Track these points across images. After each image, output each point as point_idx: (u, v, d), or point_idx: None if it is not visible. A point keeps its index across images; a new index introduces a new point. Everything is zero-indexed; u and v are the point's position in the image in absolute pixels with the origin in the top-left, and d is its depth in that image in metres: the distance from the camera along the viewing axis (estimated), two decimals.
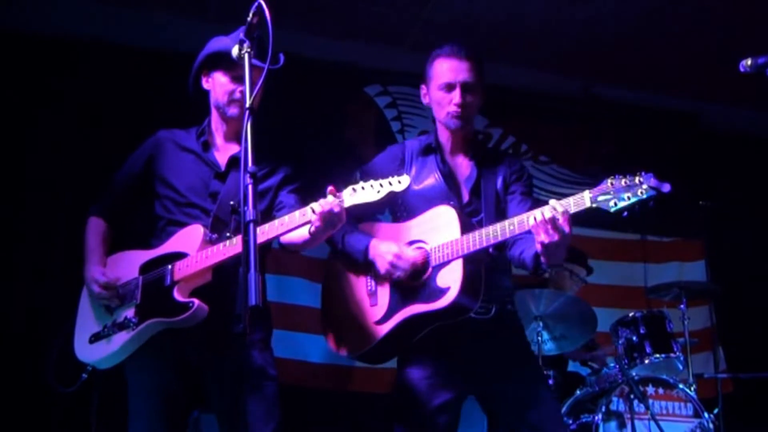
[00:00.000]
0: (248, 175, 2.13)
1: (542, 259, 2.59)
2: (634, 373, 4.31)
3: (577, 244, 5.34)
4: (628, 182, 2.41)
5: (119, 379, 2.77)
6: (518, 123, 6.28)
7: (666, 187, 2.36)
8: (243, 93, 2.74)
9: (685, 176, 6.18)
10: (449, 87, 2.92)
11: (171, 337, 2.67)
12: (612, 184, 2.44)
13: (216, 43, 2.93)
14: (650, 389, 4.39)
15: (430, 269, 2.74)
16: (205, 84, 2.96)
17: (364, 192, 2.51)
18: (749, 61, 2.50)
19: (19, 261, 4.84)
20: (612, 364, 4.42)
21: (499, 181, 2.97)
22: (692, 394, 4.35)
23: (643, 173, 2.40)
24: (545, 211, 2.49)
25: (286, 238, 2.73)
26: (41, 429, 4.49)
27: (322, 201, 2.51)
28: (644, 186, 2.38)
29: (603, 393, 4.27)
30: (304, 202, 2.73)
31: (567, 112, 6.40)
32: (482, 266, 2.72)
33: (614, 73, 6.19)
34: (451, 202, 2.86)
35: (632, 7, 5.41)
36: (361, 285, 2.90)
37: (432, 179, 2.95)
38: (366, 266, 2.87)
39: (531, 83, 6.21)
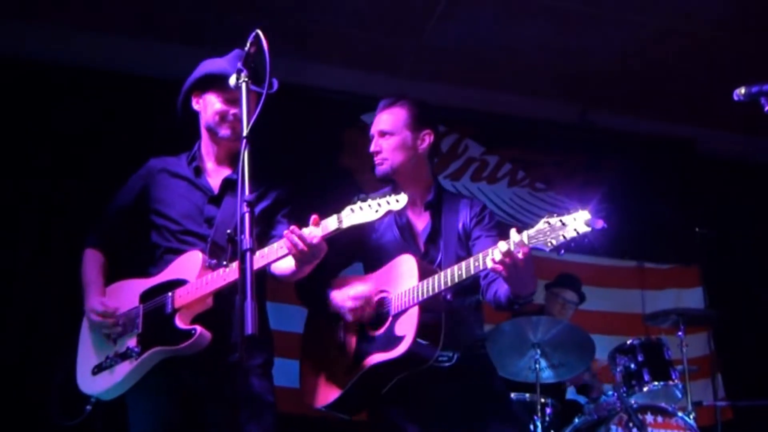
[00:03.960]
0: (245, 203, 2.12)
1: (513, 291, 2.56)
2: (632, 401, 4.29)
3: (574, 270, 5.35)
4: (563, 221, 2.37)
5: (122, 408, 2.75)
6: (515, 150, 6.31)
7: (599, 224, 2.33)
8: (236, 115, 2.78)
9: (681, 203, 6.20)
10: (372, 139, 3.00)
11: (171, 364, 2.64)
12: (548, 223, 2.40)
13: (211, 65, 2.89)
14: (649, 417, 4.36)
15: (390, 317, 2.73)
16: (195, 105, 2.92)
17: (363, 212, 2.49)
18: (743, 90, 2.52)
19: (17, 292, 4.82)
20: (610, 392, 4.39)
21: (460, 227, 2.94)
22: (691, 422, 4.32)
23: (579, 210, 2.37)
24: (499, 250, 2.43)
25: (276, 269, 2.73)
26: None
27: (294, 232, 2.50)
28: (578, 223, 2.34)
29: (601, 421, 4.23)
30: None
31: (564, 138, 6.43)
32: (442, 313, 2.66)
33: (611, 100, 6.24)
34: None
35: (628, 35, 5.45)
36: (333, 337, 2.89)
37: (390, 234, 2.94)
38: (336, 318, 2.85)
39: (527, 110, 6.25)
